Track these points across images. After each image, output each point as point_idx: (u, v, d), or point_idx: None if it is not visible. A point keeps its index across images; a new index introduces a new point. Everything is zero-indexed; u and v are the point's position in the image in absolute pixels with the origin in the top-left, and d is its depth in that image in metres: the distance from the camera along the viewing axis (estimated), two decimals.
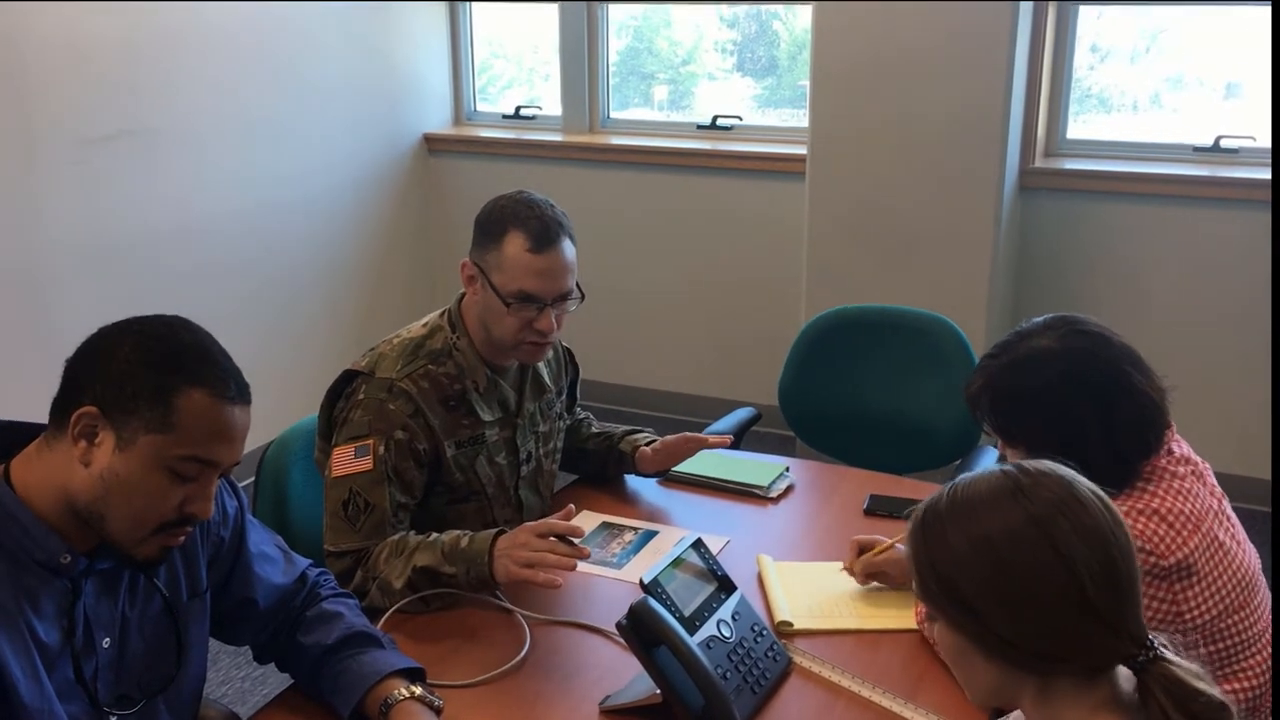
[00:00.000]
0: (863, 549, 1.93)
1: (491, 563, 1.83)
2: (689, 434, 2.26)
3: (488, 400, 2.05)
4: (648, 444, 2.28)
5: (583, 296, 2.02)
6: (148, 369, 1.35)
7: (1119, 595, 1.12)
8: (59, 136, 3.42)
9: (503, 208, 1.98)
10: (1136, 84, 4.28)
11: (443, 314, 2.07)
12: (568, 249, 1.97)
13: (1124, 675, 1.14)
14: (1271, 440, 3.46)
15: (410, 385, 1.96)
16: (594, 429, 2.38)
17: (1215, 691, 1.09)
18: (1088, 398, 1.66)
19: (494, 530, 1.88)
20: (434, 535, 1.91)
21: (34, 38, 3.31)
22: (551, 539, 1.80)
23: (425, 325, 2.06)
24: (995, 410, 1.74)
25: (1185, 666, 1.11)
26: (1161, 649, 1.12)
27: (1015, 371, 1.71)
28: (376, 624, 1.77)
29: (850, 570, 1.94)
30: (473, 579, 1.85)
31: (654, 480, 2.36)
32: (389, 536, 1.93)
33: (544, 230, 1.93)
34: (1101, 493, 1.17)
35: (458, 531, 1.91)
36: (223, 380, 1.38)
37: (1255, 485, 3.68)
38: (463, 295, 2.07)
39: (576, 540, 1.81)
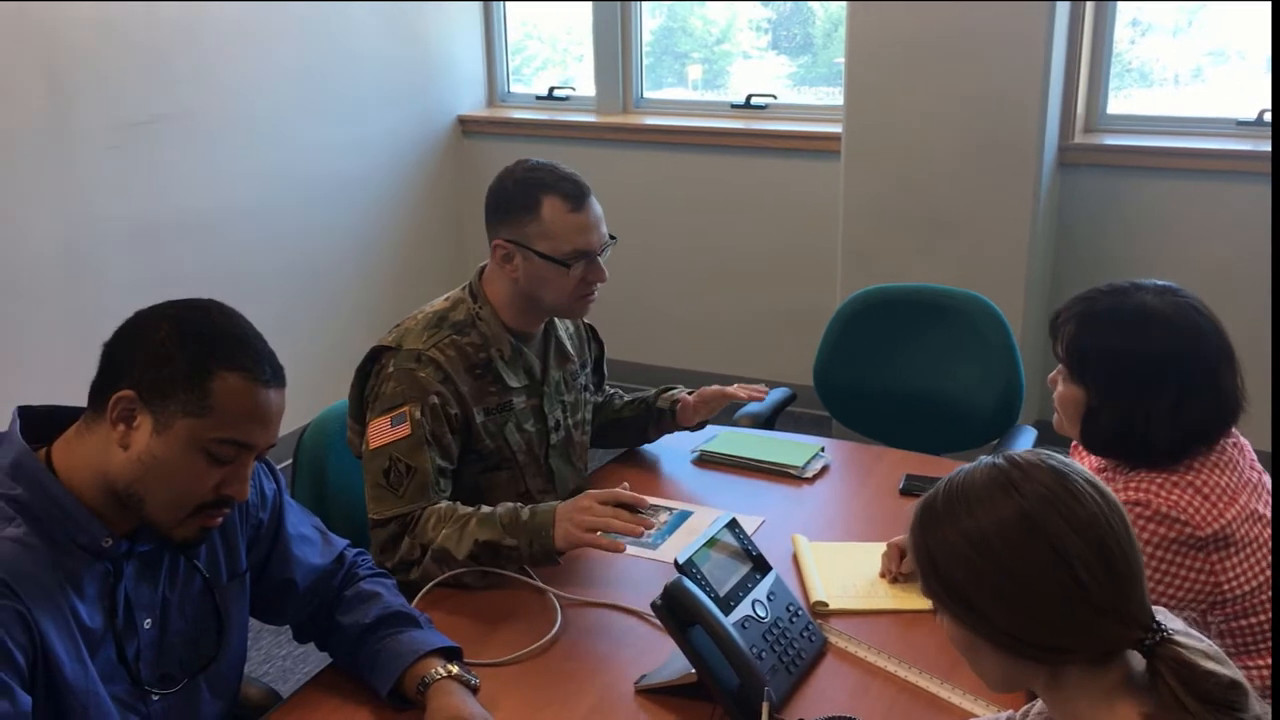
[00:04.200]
0: (904, 552, 1.90)
1: (554, 532, 1.84)
2: (722, 388, 2.30)
3: (513, 368, 2.08)
4: (688, 393, 2.31)
5: (614, 240, 2.09)
6: (183, 353, 1.36)
7: (1118, 584, 1.11)
8: (97, 121, 3.46)
9: (522, 179, 2.03)
10: (1178, 58, 4.20)
11: (463, 288, 2.11)
12: (595, 199, 2.06)
13: (1136, 656, 1.13)
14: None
15: (438, 354, 1.99)
16: (626, 399, 2.40)
17: (1226, 671, 1.08)
18: (1180, 377, 1.63)
19: (554, 503, 1.90)
20: (485, 508, 1.92)
21: (70, 23, 3.34)
22: (616, 507, 1.82)
23: (447, 299, 2.11)
24: (1081, 345, 1.69)
25: (1194, 647, 1.09)
26: (1169, 631, 1.10)
27: (1124, 323, 1.66)
28: (413, 600, 1.79)
29: (898, 574, 1.89)
30: (535, 551, 1.86)
31: (689, 460, 2.37)
32: (433, 500, 1.94)
33: (576, 188, 2.02)
34: (1096, 479, 1.16)
35: (512, 504, 1.92)
36: (257, 363, 1.39)
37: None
38: (483, 268, 2.11)
39: (642, 511, 1.84)
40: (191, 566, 1.52)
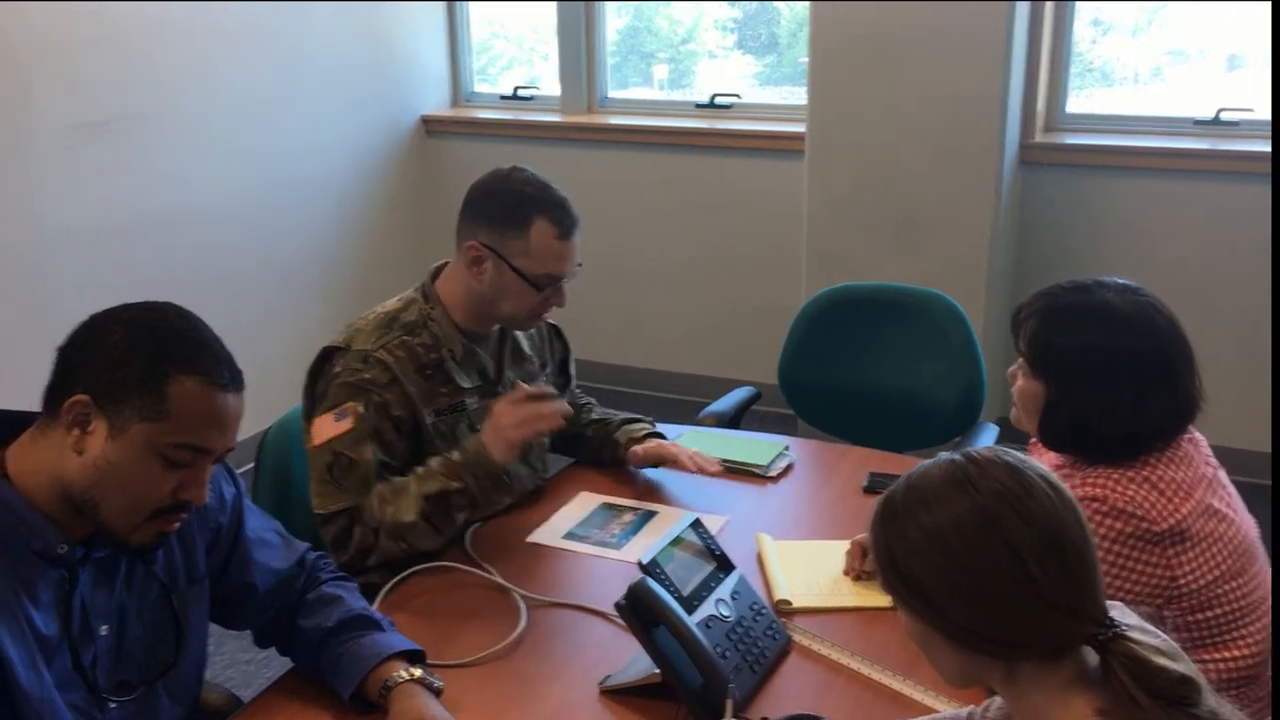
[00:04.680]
0: (867, 550, 1.91)
1: (490, 453, 1.92)
2: (678, 449, 2.25)
3: (465, 368, 2.09)
4: (642, 435, 2.30)
5: (580, 265, 2.10)
6: (139, 356, 1.35)
7: (1071, 579, 1.12)
8: (51, 123, 3.41)
9: (519, 192, 2.03)
10: (1139, 57, 4.25)
11: (416, 288, 2.12)
12: (579, 228, 2.07)
13: (1091, 651, 1.14)
14: (1271, 413, 3.45)
15: (386, 355, 2.00)
16: (594, 415, 2.39)
17: (1178, 666, 1.09)
18: (1138, 374, 1.65)
19: (474, 436, 1.97)
20: (419, 469, 1.97)
21: (26, 22, 3.29)
22: (528, 402, 1.94)
23: (399, 300, 2.12)
24: (1042, 341, 1.70)
25: (1146, 642, 1.11)
26: (1122, 626, 1.11)
27: (1085, 320, 1.68)
28: (375, 601, 1.78)
29: (861, 572, 1.90)
30: (482, 482, 1.94)
31: None
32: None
33: (569, 217, 2.04)
34: (1051, 475, 1.17)
35: (440, 455, 1.98)
36: (215, 367, 1.38)
37: (1261, 459, 3.68)
38: (437, 269, 2.12)
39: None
40: (149, 572, 1.50)
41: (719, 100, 4.55)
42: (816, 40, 3.88)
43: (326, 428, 1.96)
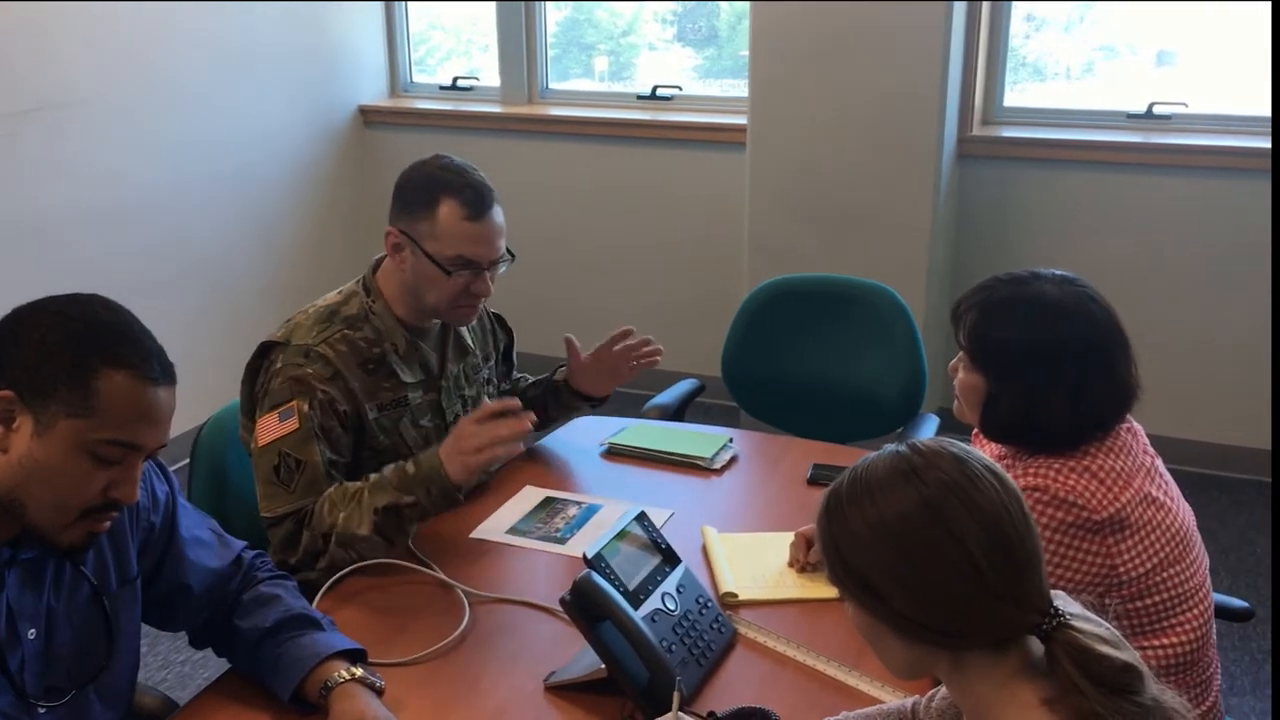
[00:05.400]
0: (811, 541, 1.92)
1: (446, 470, 1.86)
2: (618, 338, 2.32)
3: (408, 362, 2.05)
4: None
5: (513, 257, 2.06)
6: (65, 350, 1.30)
7: (1016, 569, 1.12)
8: None
9: (430, 175, 2.00)
10: (1071, 52, 4.31)
11: (357, 281, 2.08)
12: (498, 212, 2.02)
13: (1036, 641, 1.14)
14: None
15: (327, 349, 1.96)
16: (530, 381, 2.41)
17: (1121, 654, 1.10)
18: (1076, 364, 1.66)
19: (434, 448, 1.91)
20: (373, 476, 1.92)
21: None
22: (492, 420, 1.87)
23: (340, 293, 2.08)
24: (981, 333, 1.71)
25: (1090, 631, 1.11)
26: (1066, 616, 1.12)
27: (1022, 312, 1.69)
28: (314, 599, 1.75)
29: (806, 564, 1.90)
30: (435, 498, 1.88)
31: (597, 454, 2.35)
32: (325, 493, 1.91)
33: (478, 197, 1.98)
34: (995, 466, 1.17)
35: (395, 463, 1.93)
36: (145, 360, 1.34)
37: (1184, 446, 3.76)
38: (378, 262, 2.09)
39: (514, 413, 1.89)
40: (79, 573, 1.46)
41: (660, 92, 4.54)
42: (756, 34, 3.88)
43: (271, 428, 1.91)
